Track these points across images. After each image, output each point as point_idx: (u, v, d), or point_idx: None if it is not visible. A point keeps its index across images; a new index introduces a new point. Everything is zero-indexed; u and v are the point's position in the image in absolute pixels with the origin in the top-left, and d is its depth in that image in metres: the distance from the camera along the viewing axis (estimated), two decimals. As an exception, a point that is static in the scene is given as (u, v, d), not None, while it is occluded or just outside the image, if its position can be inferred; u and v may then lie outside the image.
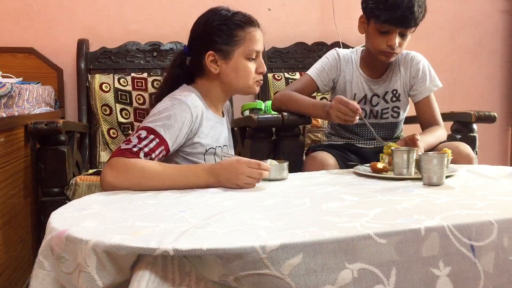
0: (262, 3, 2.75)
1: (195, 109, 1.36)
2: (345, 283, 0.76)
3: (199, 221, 0.88)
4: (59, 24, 2.52)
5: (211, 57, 1.41)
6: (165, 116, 1.29)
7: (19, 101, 1.74)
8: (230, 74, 1.42)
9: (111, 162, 1.22)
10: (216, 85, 1.45)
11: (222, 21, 1.41)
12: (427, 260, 0.81)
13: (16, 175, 1.68)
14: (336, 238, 0.77)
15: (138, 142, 1.24)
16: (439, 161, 1.18)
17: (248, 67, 1.42)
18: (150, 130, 1.27)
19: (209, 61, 1.41)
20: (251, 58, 1.43)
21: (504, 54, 3.12)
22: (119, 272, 0.78)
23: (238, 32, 1.41)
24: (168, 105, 1.33)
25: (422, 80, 1.81)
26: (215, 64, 1.41)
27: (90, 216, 0.95)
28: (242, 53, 1.41)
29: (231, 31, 1.40)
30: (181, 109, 1.32)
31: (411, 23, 1.63)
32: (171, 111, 1.31)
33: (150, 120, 1.30)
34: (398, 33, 1.65)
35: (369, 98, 1.83)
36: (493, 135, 3.11)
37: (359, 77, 1.83)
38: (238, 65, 1.41)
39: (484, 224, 0.85)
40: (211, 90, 1.46)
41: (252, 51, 1.42)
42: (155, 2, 2.62)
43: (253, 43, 1.42)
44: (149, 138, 1.25)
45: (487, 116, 2.00)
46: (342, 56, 1.85)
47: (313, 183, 1.27)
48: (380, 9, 1.63)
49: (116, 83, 2.35)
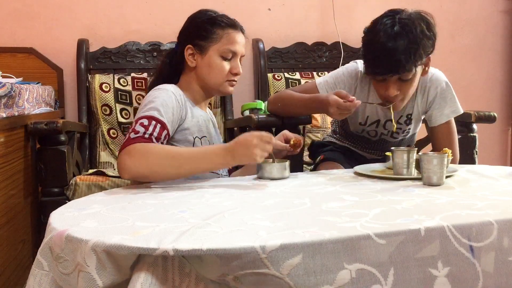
0: (262, 3, 2.75)
1: (178, 96, 1.40)
2: (343, 283, 0.76)
3: (199, 221, 0.88)
4: (59, 24, 2.52)
5: (190, 50, 1.47)
6: (156, 103, 1.33)
7: (19, 101, 1.74)
8: (204, 69, 1.47)
9: (128, 150, 1.21)
10: (193, 79, 1.50)
11: (205, 19, 1.48)
12: (426, 261, 0.81)
13: (16, 175, 1.68)
14: (336, 238, 0.77)
15: (145, 129, 1.26)
16: (439, 161, 1.18)
17: (221, 65, 1.45)
18: (149, 117, 1.29)
19: (187, 54, 1.47)
20: (226, 58, 1.46)
21: (504, 54, 3.12)
22: (119, 272, 0.78)
23: (216, 29, 1.46)
24: (155, 94, 1.37)
25: (439, 106, 1.67)
26: (192, 57, 1.47)
27: (90, 216, 0.95)
28: (217, 50, 1.45)
29: (211, 28, 1.46)
30: (167, 96, 1.36)
31: (404, 69, 1.46)
32: (159, 98, 1.35)
33: (144, 110, 1.32)
34: (397, 79, 1.50)
35: (383, 123, 1.71)
36: (493, 135, 3.11)
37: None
38: (211, 61, 1.45)
39: (484, 224, 0.85)
40: (191, 84, 1.50)
41: (227, 51, 1.45)
42: (155, 2, 2.62)
43: (229, 43, 1.46)
44: (152, 124, 1.28)
45: (487, 116, 2.00)
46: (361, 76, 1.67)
47: (313, 183, 1.27)
48: (367, 61, 1.54)
49: (116, 83, 2.36)
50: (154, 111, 1.31)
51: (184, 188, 1.22)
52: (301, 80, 2.57)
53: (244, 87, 2.74)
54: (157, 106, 1.32)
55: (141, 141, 1.23)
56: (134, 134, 1.25)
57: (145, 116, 1.30)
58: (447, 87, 1.69)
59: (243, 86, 2.73)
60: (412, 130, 1.79)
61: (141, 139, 1.24)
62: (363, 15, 2.84)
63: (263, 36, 2.68)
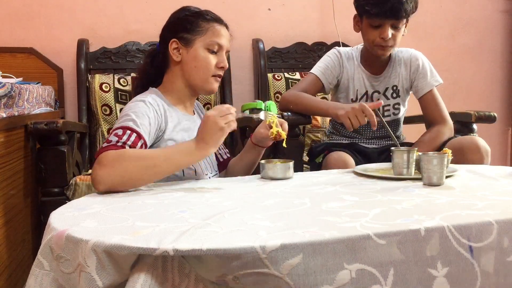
0: (262, 3, 2.75)
1: (156, 106, 1.37)
2: (342, 283, 0.76)
3: (199, 221, 0.88)
4: (59, 24, 2.52)
5: (174, 44, 1.44)
6: (132, 115, 1.29)
7: (19, 101, 1.75)
8: (190, 63, 1.43)
9: (99, 159, 1.16)
10: (178, 77, 1.46)
11: (190, 13, 1.47)
12: (425, 261, 0.81)
13: (16, 175, 1.68)
14: (336, 238, 0.77)
15: (118, 138, 1.22)
16: (439, 161, 1.18)
17: (208, 57, 1.43)
18: (124, 127, 1.26)
19: (172, 49, 1.44)
20: (212, 51, 1.43)
21: (504, 54, 3.12)
22: (119, 272, 0.78)
23: (201, 22, 1.44)
24: (131, 106, 1.35)
25: (423, 75, 1.84)
26: (177, 52, 1.44)
27: (90, 216, 0.95)
28: (203, 43, 1.43)
29: (196, 21, 1.44)
30: (144, 107, 1.33)
31: (402, 14, 1.67)
32: (135, 109, 1.32)
33: (120, 121, 1.29)
34: (390, 26, 1.70)
35: (370, 95, 1.85)
36: (493, 135, 3.11)
37: (361, 74, 1.86)
38: (197, 53, 1.42)
39: (484, 224, 0.85)
40: (175, 83, 1.47)
41: (213, 43, 1.43)
42: (155, 2, 2.62)
43: (215, 36, 1.44)
44: (127, 133, 1.24)
45: (487, 116, 2.00)
46: (343, 53, 1.88)
47: (313, 183, 1.27)
48: (370, 4, 1.69)
49: (116, 83, 2.36)
50: (129, 122, 1.27)
51: (184, 188, 1.22)
52: (301, 80, 2.57)
53: (244, 87, 2.74)
54: (133, 117, 1.28)
55: (113, 148, 1.18)
56: (107, 144, 1.21)
57: (119, 126, 1.26)
58: (426, 61, 1.87)
59: (243, 86, 2.74)
60: (401, 107, 1.90)
61: (113, 147, 1.19)
62: (363, 15, 2.84)
63: (263, 36, 2.68)
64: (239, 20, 2.68)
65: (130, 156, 1.17)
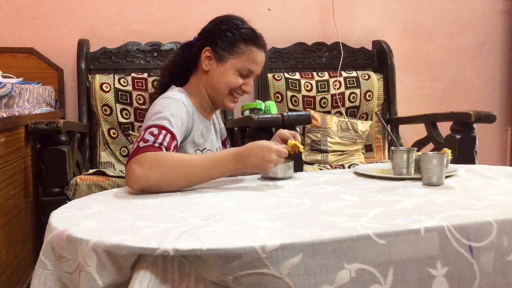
0: (262, 3, 2.75)
1: (189, 107, 1.38)
2: (342, 283, 0.76)
3: (199, 221, 0.88)
4: (59, 24, 2.52)
5: (208, 53, 1.44)
6: (167, 113, 1.29)
7: (19, 101, 1.75)
8: (216, 77, 1.44)
9: (138, 159, 1.15)
10: (203, 83, 1.47)
11: (231, 27, 1.45)
12: (425, 260, 0.81)
13: (16, 175, 1.68)
14: (336, 238, 0.77)
15: (155, 138, 1.21)
16: (438, 161, 1.18)
17: (234, 79, 1.44)
18: (160, 126, 1.25)
19: (204, 56, 1.45)
20: (242, 75, 1.44)
21: (504, 54, 3.12)
22: (119, 272, 0.78)
23: (240, 44, 1.43)
24: (165, 104, 1.34)
25: None
26: (208, 61, 1.45)
27: (90, 216, 0.95)
28: (235, 64, 1.43)
29: (234, 40, 1.43)
30: (178, 107, 1.34)
31: None
32: (170, 108, 1.32)
33: (153, 118, 1.28)
34: None
35: None
36: (493, 135, 3.12)
37: None
38: (226, 72, 1.43)
39: (483, 224, 0.85)
40: (200, 88, 1.48)
41: (246, 69, 1.44)
42: (155, 2, 2.62)
43: (250, 61, 1.44)
44: (162, 133, 1.24)
45: (486, 116, 2.00)
46: None
47: (313, 183, 1.27)
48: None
49: (117, 83, 2.36)
50: (165, 121, 1.27)
51: (184, 188, 1.22)
52: (301, 80, 2.57)
53: (244, 87, 2.74)
54: (167, 115, 1.28)
55: (151, 150, 1.17)
56: (144, 143, 1.19)
57: (154, 124, 1.25)
58: None
59: (243, 86, 2.74)
60: None
61: (151, 148, 1.18)
62: (363, 15, 2.84)
63: (263, 36, 2.68)
64: (239, 20, 2.68)
65: (168, 162, 1.16)
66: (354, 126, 2.51)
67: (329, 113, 2.57)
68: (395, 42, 2.80)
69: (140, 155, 1.16)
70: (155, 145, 1.20)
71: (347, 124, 2.51)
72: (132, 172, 1.14)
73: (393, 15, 2.91)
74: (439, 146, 2.16)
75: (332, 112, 2.59)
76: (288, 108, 2.54)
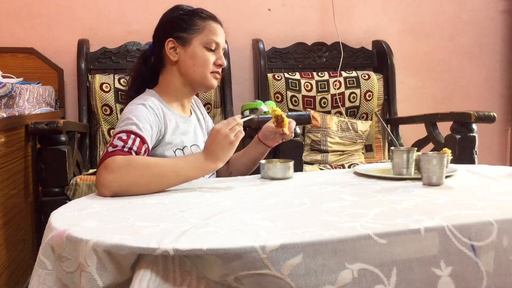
0: (262, 3, 2.75)
1: (157, 110, 1.36)
2: (345, 283, 0.76)
3: (199, 221, 0.88)
4: (60, 24, 2.52)
5: (171, 43, 1.43)
6: (133, 119, 1.28)
7: (19, 101, 1.75)
8: (188, 62, 1.42)
9: (106, 163, 1.14)
10: (176, 76, 1.45)
11: (184, 12, 1.46)
12: (428, 260, 0.81)
13: (16, 175, 1.68)
14: (336, 238, 0.77)
15: (124, 143, 1.20)
16: (438, 161, 1.18)
17: (206, 55, 1.42)
18: (128, 131, 1.24)
19: (169, 48, 1.43)
20: (210, 49, 1.43)
21: (504, 54, 3.12)
22: (119, 272, 0.78)
23: (197, 21, 1.43)
24: (132, 109, 1.33)
25: None
26: (174, 51, 1.43)
27: (90, 216, 0.95)
28: (200, 41, 1.42)
29: (191, 19, 1.43)
30: (145, 110, 1.32)
31: None
32: (137, 113, 1.30)
33: (122, 125, 1.27)
34: None
35: None
36: (493, 135, 3.12)
37: None
38: (195, 52, 1.42)
39: (483, 224, 0.85)
40: (173, 82, 1.46)
41: (211, 41, 1.43)
42: (155, 2, 2.62)
43: (212, 33, 1.43)
44: (131, 138, 1.22)
45: (486, 116, 2.00)
46: None
47: (313, 183, 1.27)
48: None
49: (117, 83, 2.36)
50: (132, 126, 1.25)
51: (184, 188, 1.22)
52: (301, 80, 2.57)
53: (244, 87, 2.74)
54: (135, 121, 1.27)
55: (120, 154, 1.17)
56: (112, 148, 1.19)
57: (123, 130, 1.24)
58: None
59: (243, 86, 2.74)
60: None
61: (120, 152, 1.17)
62: (363, 15, 2.84)
63: (263, 36, 2.68)
64: (239, 20, 2.69)
65: (138, 164, 1.15)
66: (354, 126, 2.51)
67: (329, 113, 2.58)
68: (395, 42, 2.80)
69: (108, 159, 1.14)
70: (124, 149, 1.19)
71: (347, 124, 2.51)
72: (102, 178, 1.13)
73: (393, 15, 2.91)
74: (439, 146, 2.16)
75: (332, 112, 2.59)
76: (288, 108, 2.54)
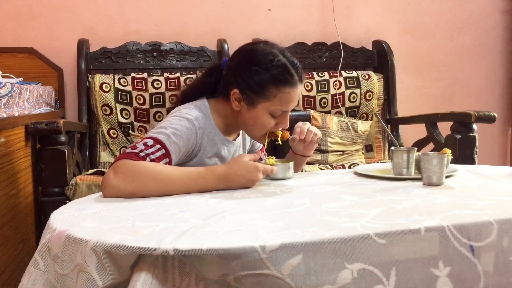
0: (262, 3, 2.75)
1: (199, 130, 1.32)
2: (345, 283, 0.76)
3: (199, 221, 0.88)
4: (59, 24, 2.52)
5: (236, 95, 1.33)
6: (171, 131, 1.25)
7: (19, 101, 1.75)
8: (247, 120, 1.35)
9: (116, 166, 1.13)
10: (233, 115, 1.39)
11: (260, 67, 1.30)
12: (427, 260, 0.81)
13: (16, 175, 1.68)
14: (336, 238, 0.77)
15: (144, 148, 1.18)
16: (439, 161, 1.18)
17: (268, 122, 1.34)
18: (156, 140, 1.21)
19: (233, 98, 1.34)
20: (275, 116, 1.34)
21: (504, 54, 3.12)
22: (119, 272, 0.78)
23: (270, 87, 1.29)
24: (175, 121, 1.29)
25: None
26: (238, 102, 1.34)
27: (90, 216, 0.95)
28: (267, 108, 1.32)
29: (264, 83, 1.29)
30: (186, 128, 1.28)
31: None
32: (177, 126, 1.27)
33: (156, 131, 1.25)
34: None
35: None
36: (493, 135, 3.12)
37: None
38: (258, 116, 1.33)
39: (483, 224, 0.85)
40: (227, 115, 1.39)
41: (278, 111, 1.33)
42: (155, 2, 2.62)
43: (282, 104, 1.31)
44: (156, 147, 1.20)
45: (486, 116, 2.00)
46: None
47: (313, 183, 1.27)
48: None
49: (116, 83, 2.36)
50: (164, 136, 1.22)
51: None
52: (301, 80, 2.57)
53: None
54: (169, 132, 1.24)
55: (133, 158, 1.14)
56: (131, 149, 1.17)
57: (152, 137, 1.22)
58: None
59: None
60: None
61: (133, 156, 1.15)
62: (363, 15, 2.84)
63: (263, 36, 2.68)
64: (239, 20, 2.68)
65: (145, 175, 1.12)
66: (354, 126, 2.51)
67: (329, 113, 2.57)
68: (395, 42, 2.80)
69: (118, 162, 1.14)
70: (140, 154, 1.16)
71: (347, 124, 2.51)
72: (107, 179, 1.12)
73: (393, 15, 2.91)
74: (439, 146, 2.16)
75: (332, 112, 2.59)
76: (288, 108, 2.54)
